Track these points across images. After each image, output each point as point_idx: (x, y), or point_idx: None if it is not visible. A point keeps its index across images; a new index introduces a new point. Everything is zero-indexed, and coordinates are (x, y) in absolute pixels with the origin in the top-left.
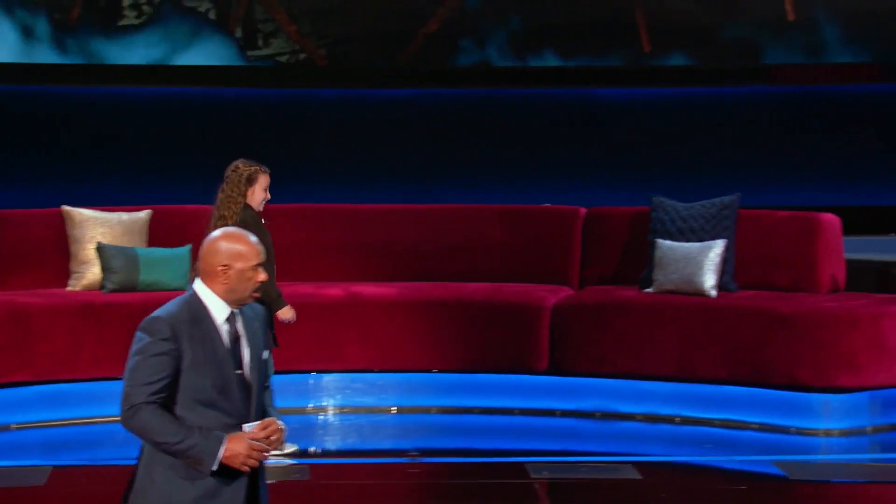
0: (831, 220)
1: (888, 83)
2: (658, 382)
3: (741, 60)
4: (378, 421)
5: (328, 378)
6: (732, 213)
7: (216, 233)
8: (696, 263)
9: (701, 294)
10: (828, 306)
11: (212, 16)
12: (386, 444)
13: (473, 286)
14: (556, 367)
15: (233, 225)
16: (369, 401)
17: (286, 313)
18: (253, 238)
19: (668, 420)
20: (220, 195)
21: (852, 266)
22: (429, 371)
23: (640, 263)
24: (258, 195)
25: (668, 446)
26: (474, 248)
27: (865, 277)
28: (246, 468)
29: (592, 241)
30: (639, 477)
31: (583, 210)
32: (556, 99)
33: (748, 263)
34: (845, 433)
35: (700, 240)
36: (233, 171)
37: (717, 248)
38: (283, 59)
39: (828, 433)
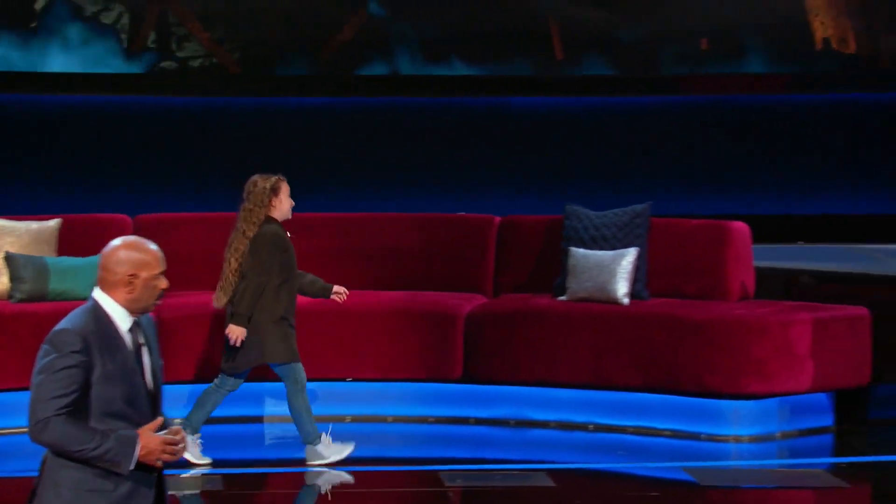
0: (741, 228)
1: (798, 93)
2: (571, 390)
3: (653, 70)
4: (292, 430)
5: (243, 387)
6: (644, 221)
7: (116, 242)
8: (609, 271)
9: (614, 302)
10: (737, 313)
11: (123, 24)
12: (300, 454)
13: (388, 294)
14: (471, 375)
15: (252, 238)
16: (282, 410)
17: (234, 331)
18: (153, 245)
19: (581, 427)
20: (242, 211)
21: (761, 273)
22: (343, 380)
23: (554, 271)
24: (284, 204)
25: (581, 454)
26: (389, 256)
27: (774, 285)
28: (159, 463)
29: (507, 249)
30: (552, 484)
31: (497, 218)
32: (471, 108)
33: (660, 271)
34: (755, 439)
35: (613, 248)
36: (253, 185)
37: (629, 257)
38: (196, 64)
39: (738, 439)
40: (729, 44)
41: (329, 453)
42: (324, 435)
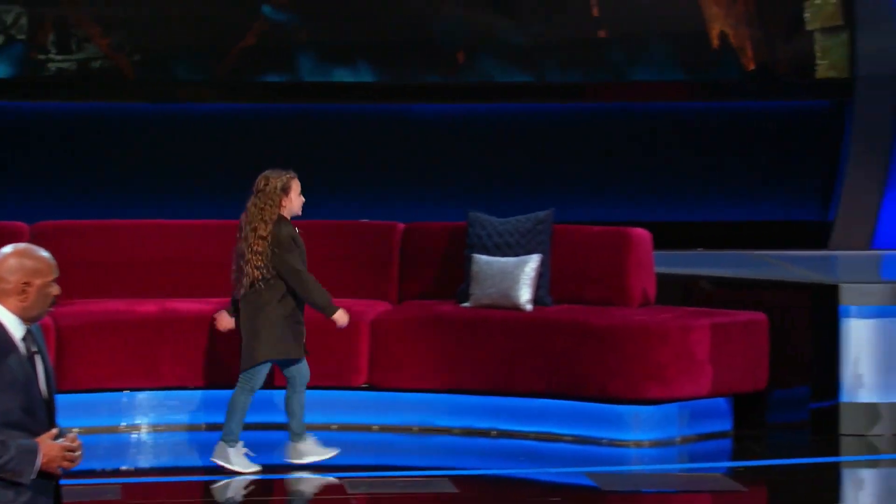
0: (642, 234)
1: (697, 101)
2: (475, 396)
3: (557, 77)
4: (192, 439)
5: (142, 396)
6: (547, 228)
7: (7, 250)
8: (512, 278)
9: (517, 308)
10: (638, 319)
11: (20, 26)
12: (199, 462)
13: None
14: (374, 382)
15: (267, 237)
16: (183, 418)
17: (341, 317)
18: (45, 253)
19: (484, 434)
20: (252, 208)
21: (662, 280)
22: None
23: (458, 278)
24: (295, 202)
25: (483, 460)
26: None
27: (674, 291)
28: (59, 471)
29: (411, 255)
30: (455, 490)
31: (401, 225)
32: (374, 114)
33: (563, 278)
34: (655, 444)
35: (516, 255)
36: (264, 183)
37: (532, 263)
38: (95, 66)
39: (638, 444)
40: (630, 51)
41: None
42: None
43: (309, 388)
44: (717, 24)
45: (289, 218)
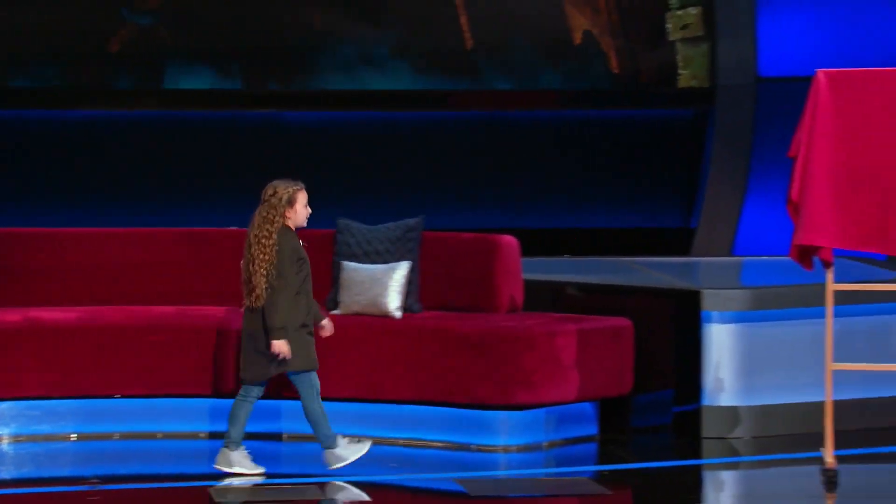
0: (510, 242)
1: (564, 109)
2: (343, 403)
3: (424, 84)
4: (56, 448)
5: (3, 406)
6: (416, 235)
7: None
8: (382, 285)
9: (386, 315)
10: (506, 326)
11: None
12: (64, 472)
13: (157, 310)
14: None
15: (271, 247)
16: (47, 428)
17: (280, 346)
18: None
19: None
20: (258, 218)
21: (529, 286)
22: (111, 396)
23: (327, 285)
24: (300, 213)
25: (353, 466)
26: (158, 270)
27: (542, 297)
28: None
29: None
30: (323, 497)
31: None
32: (244, 122)
33: (432, 284)
34: (523, 449)
35: (385, 262)
36: (271, 193)
37: (401, 270)
38: None
39: (506, 449)
40: (497, 60)
41: (348, 454)
42: (339, 437)
43: (174, 396)
44: (583, 33)
45: (294, 229)
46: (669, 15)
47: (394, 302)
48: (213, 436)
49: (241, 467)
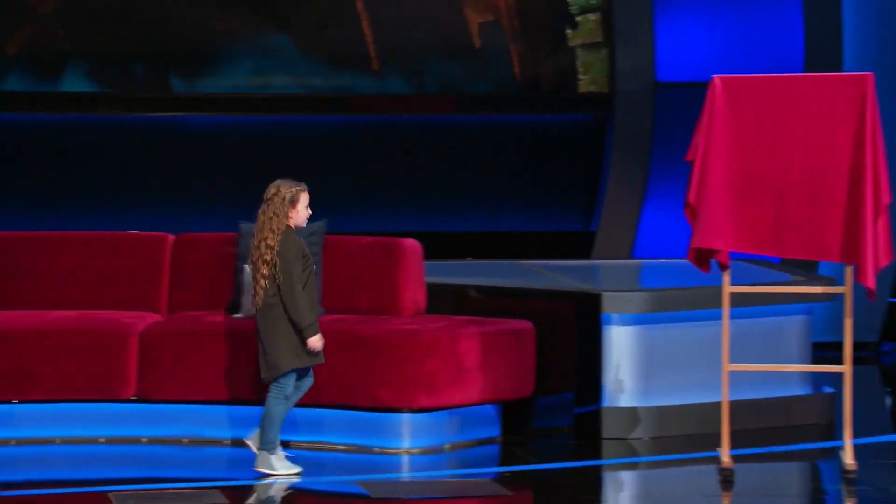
0: (412, 245)
1: (465, 114)
2: (245, 407)
3: (326, 88)
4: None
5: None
6: (319, 238)
7: None
8: None
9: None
10: (408, 328)
11: None
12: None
13: (57, 314)
14: (143, 394)
15: (276, 247)
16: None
17: (315, 342)
18: None
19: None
20: (262, 217)
21: (432, 289)
22: (9, 402)
23: (229, 289)
24: (302, 214)
25: (254, 471)
26: (59, 275)
27: (444, 300)
28: None
29: (181, 267)
30: (226, 502)
31: (170, 236)
32: (143, 125)
33: (335, 288)
34: (425, 451)
35: None
36: (274, 193)
37: None
38: None
39: (409, 451)
40: (399, 64)
41: (280, 467)
42: (279, 447)
43: (75, 401)
44: (484, 38)
45: (295, 229)
46: (570, 20)
47: None
48: (111, 441)
49: (281, 470)
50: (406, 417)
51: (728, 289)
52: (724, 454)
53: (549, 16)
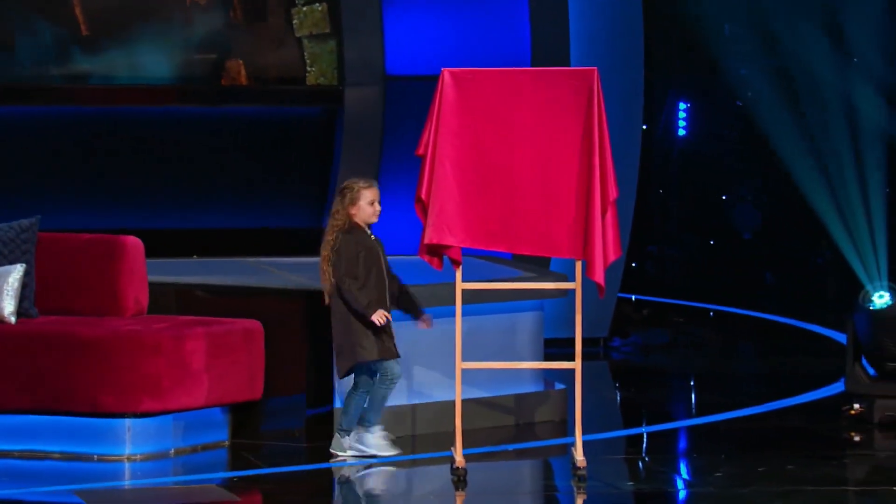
0: (133, 242)
1: (191, 106)
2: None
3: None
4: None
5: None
6: (32, 236)
7: None
8: None
9: (0, 321)
10: (129, 329)
11: None
12: None
13: None
14: None
15: (330, 245)
16: None
17: (378, 317)
18: None
19: None
20: (333, 207)
21: (155, 289)
22: None
23: None
24: (365, 210)
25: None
26: None
27: (168, 300)
28: None
29: None
30: None
31: None
32: None
33: (51, 288)
34: (149, 457)
35: None
36: (343, 187)
37: (15, 274)
38: None
39: (131, 458)
40: (117, 53)
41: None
42: (354, 433)
43: None
44: (208, 28)
45: (362, 225)
46: (295, 11)
47: (8, 307)
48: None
49: (381, 449)
50: (128, 423)
51: (460, 285)
52: (458, 453)
53: (275, 6)
